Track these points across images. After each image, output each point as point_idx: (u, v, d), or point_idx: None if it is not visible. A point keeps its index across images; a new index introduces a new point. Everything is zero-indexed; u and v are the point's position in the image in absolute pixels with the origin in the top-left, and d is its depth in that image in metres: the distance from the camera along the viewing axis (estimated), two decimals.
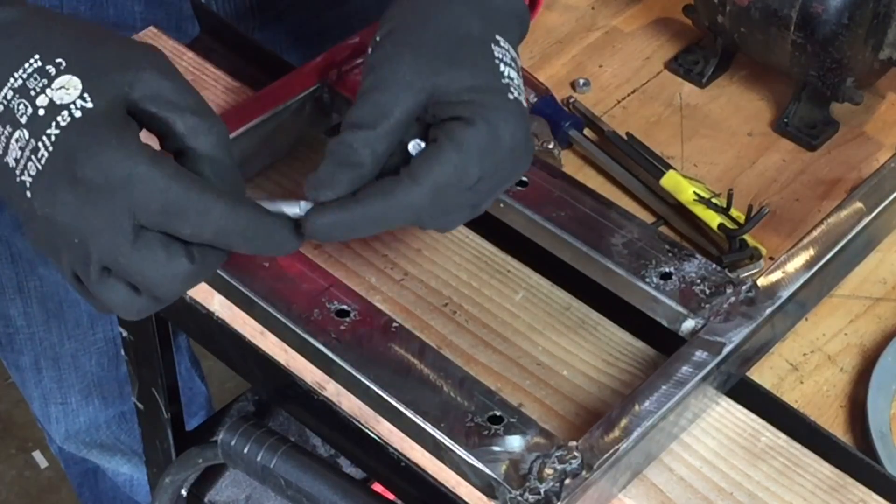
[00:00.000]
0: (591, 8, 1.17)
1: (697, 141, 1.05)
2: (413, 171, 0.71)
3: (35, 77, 0.69)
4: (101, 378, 1.33)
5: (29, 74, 0.69)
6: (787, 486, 0.73)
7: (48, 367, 1.31)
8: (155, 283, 0.69)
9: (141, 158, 0.67)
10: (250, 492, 1.12)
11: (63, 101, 0.68)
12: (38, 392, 1.34)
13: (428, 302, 0.82)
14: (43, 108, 0.68)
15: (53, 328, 1.27)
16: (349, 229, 0.72)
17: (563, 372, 0.78)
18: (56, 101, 0.68)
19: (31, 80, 0.69)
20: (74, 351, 1.30)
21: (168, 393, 1.01)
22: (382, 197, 0.70)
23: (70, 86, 0.68)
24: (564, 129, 1.04)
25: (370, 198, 0.71)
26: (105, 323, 1.28)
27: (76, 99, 0.68)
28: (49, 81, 0.68)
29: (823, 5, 0.97)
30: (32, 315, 1.26)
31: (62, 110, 0.68)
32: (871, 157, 1.03)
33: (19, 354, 1.30)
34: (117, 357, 1.32)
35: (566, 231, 0.82)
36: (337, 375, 0.76)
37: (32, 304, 1.25)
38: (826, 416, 0.85)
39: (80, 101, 0.68)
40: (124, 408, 1.38)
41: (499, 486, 0.69)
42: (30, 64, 0.69)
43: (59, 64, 0.69)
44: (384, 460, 0.78)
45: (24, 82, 0.69)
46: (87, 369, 1.32)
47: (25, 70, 0.69)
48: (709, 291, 0.79)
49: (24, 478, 2.07)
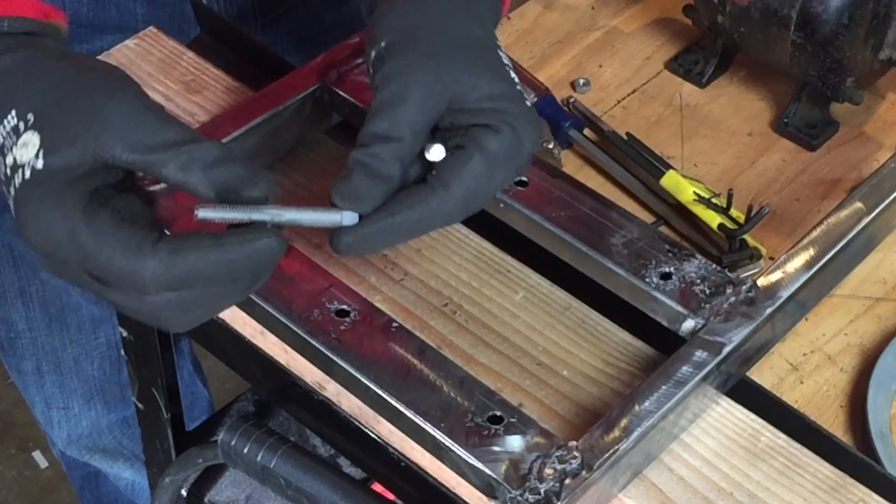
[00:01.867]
0: (591, 8, 1.17)
1: (697, 141, 1.05)
2: (445, 180, 0.72)
3: (10, 135, 0.69)
4: (103, 383, 1.33)
5: (7, 133, 0.70)
6: (787, 486, 0.73)
7: (50, 371, 1.31)
8: (152, 315, 0.70)
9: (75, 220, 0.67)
10: (250, 492, 1.12)
11: (21, 160, 0.68)
12: (41, 397, 1.34)
13: (428, 302, 0.82)
14: (9, 168, 0.69)
15: (55, 333, 1.27)
16: (384, 241, 0.73)
17: (563, 372, 0.78)
18: (17, 160, 0.69)
19: (7, 138, 0.70)
20: (77, 355, 1.30)
21: (168, 393, 1.01)
22: (418, 207, 0.71)
23: (30, 143, 0.69)
24: (564, 129, 1.04)
25: (407, 209, 0.71)
26: (107, 327, 1.28)
27: (31, 158, 0.68)
28: (17, 138, 0.69)
29: (823, 5, 0.97)
30: (34, 320, 1.26)
31: (19, 169, 0.69)
32: (871, 157, 1.03)
33: (21, 359, 1.30)
34: (119, 361, 1.31)
35: (566, 231, 0.82)
36: (337, 375, 0.76)
37: (34, 308, 1.24)
38: (826, 416, 0.85)
39: (34, 159, 0.68)
40: (127, 412, 1.38)
41: (499, 486, 0.69)
42: (7, 122, 0.70)
43: (28, 120, 0.69)
44: (384, 460, 0.78)
45: (4, 140, 0.70)
46: (90, 374, 1.32)
47: (5, 127, 0.70)
48: (709, 291, 0.79)
49: (24, 478, 2.07)
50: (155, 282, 0.67)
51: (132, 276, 0.67)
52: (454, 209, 0.72)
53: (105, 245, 0.67)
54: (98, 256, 0.67)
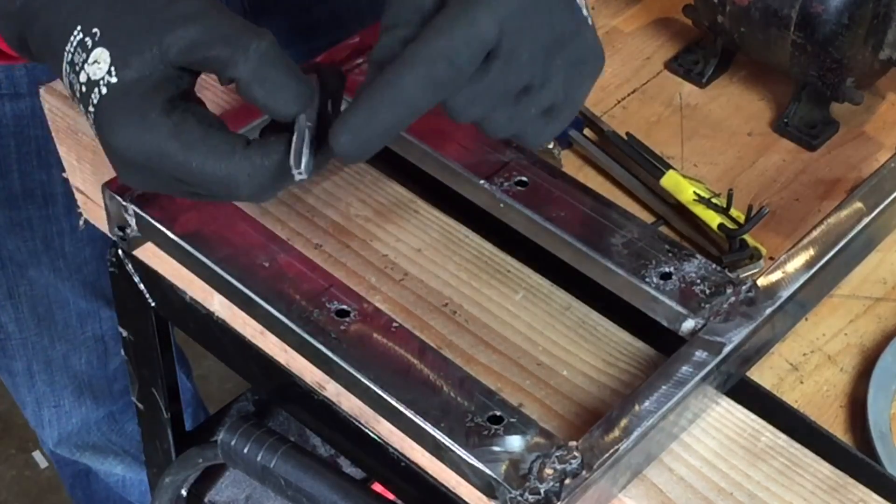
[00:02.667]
0: (591, 8, 1.17)
1: (697, 141, 1.05)
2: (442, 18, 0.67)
3: (78, 51, 0.69)
4: (91, 377, 1.33)
5: (74, 48, 0.69)
6: (787, 486, 0.73)
7: (41, 370, 1.31)
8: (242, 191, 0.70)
9: (161, 132, 0.67)
10: (250, 492, 1.12)
11: (95, 77, 0.68)
12: (32, 397, 1.34)
13: (428, 302, 0.82)
14: (84, 85, 0.69)
15: (44, 331, 1.27)
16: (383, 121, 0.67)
17: (563, 372, 0.78)
18: (91, 77, 0.68)
19: (76, 54, 0.69)
20: (65, 352, 1.30)
21: (168, 393, 1.02)
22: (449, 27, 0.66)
23: (101, 59, 0.68)
24: (564, 129, 1.04)
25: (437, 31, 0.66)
26: (93, 321, 1.28)
27: (104, 74, 0.68)
28: (87, 55, 0.69)
29: (823, 5, 0.97)
30: (24, 321, 1.25)
31: (94, 86, 0.68)
32: (871, 157, 1.03)
33: (11, 360, 1.30)
34: (106, 354, 1.32)
35: (566, 231, 0.82)
36: (337, 375, 0.76)
37: (23, 309, 1.24)
38: (826, 416, 0.85)
39: (108, 76, 0.68)
40: (114, 408, 1.38)
41: (499, 486, 0.69)
42: (74, 37, 0.69)
43: (94, 34, 0.69)
44: (384, 460, 0.78)
45: (72, 57, 0.69)
46: (78, 368, 1.32)
47: (71, 44, 0.69)
48: (709, 291, 0.79)
49: (24, 478, 2.07)
50: (249, 184, 0.68)
51: (227, 180, 0.68)
52: (474, 36, 0.66)
53: (196, 153, 0.68)
54: (190, 165, 0.68)
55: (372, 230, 0.86)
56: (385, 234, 0.85)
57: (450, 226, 0.87)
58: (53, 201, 1.15)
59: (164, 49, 0.68)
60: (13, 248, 1.18)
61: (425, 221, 0.87)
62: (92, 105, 0.69)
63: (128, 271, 0.91)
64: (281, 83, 0.69)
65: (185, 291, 0.86)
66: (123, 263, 0.91)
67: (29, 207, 1.15)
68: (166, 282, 0.87)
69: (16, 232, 1.17)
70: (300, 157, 0.68)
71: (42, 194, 1.14)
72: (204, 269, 0.81)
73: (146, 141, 0.68)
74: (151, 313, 0.94)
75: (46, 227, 1.17)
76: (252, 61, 0.68)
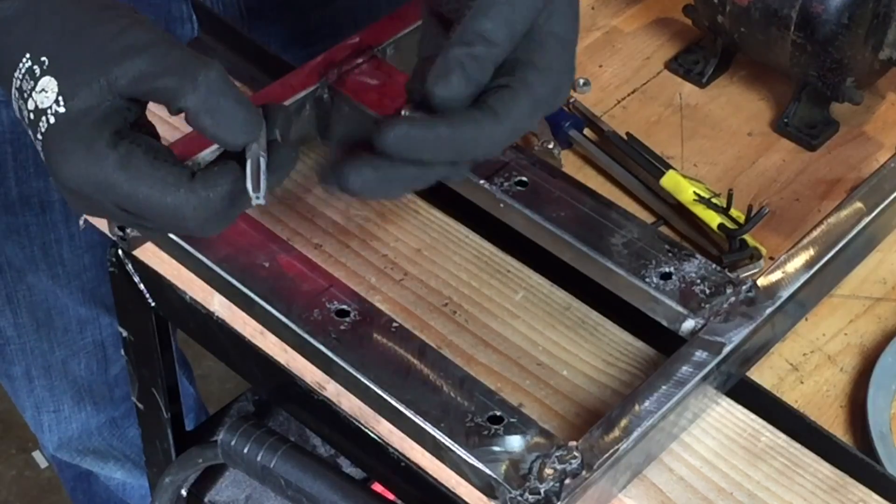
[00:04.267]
0: (591, 8, 1.17)
1: (697, 141, 1.05)
2: (496, 110, 0.70)
3: (27, 79, 0.69)
4: (91, 382, 1.33)
5: (23, 76, 0.69)
6: (787, 486, 0.73)
7: (40, 375, 1.30)
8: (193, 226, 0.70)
9: (108, 164, 0.68)
10: (250, 492, 1.12)
11: (42, 105, 0.68)
12: (31, 402, 1.34)
13: (428, 302, 0.82)
14: (32, 113, 0.69)
15: (44, 337, 1.27)
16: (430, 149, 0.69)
17: (563, 372, 0.78)
18: (39, 106, 0.68)
19: (24, 81, 0.69)
20: (65, 357, 1.29)
21: (168, 393, 1.01)
22: (472, 126, 0.69)
23: (49, 88, 0.68)
24: (564, 129, 1.04)
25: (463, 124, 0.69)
26: (93, 327, 1.27)
27: (52, 104, 0.68)
28: (35, 83, 0.69)
29: (823, 5, 0.97)
30: (23, 326, 1.25)
31: (42, 115, 0.68)
32: (871, 157, 1.03)
33: (10, 364, 1.30)
34: (106, 360, 1.31)
35: (566, 231, 0.82)
36: (337, 375, 0.76)
37: (22, 314, 1.24)
38: (826, 416, 0.85)
39: (55, 105, 0.68)
40: (115, 413, 1.37)
41: (499, 486, 0.69)
42: (23, 63, 0.69)
43: (42, 63, 0.69)
44: (384, 460, 0.78)
45: (21, 84, 0.69)
46: (78, 374, 1.31)
47: (20, 70, 0.69)
48: (709, 291, 0.79)
49: (24, 478, 2.07)
50: (195, 217, 0.68)
51: (174, 212, 0.68)
52: (500, 139, 0.70)
53: (142, 185, 0.68)
54: (136, 196, 0.68)
55: (372, 230, 0.86)
56: (385, 234, 0.85)
57: (450, 226, 0.87)
58: (51, 208, 1.15)
59: (111, 80, 0.68)
60: (11, 254, 1.18)
61: (425, 221, 0.87)
62: (40, 133, 0.69)
63: (128, 271, 0.91)
64: (230, 113, 0.69)
65: (185, 291, 0.86)
66: (123, 263, 0.91)
67: (26, 214, 1.15)
68: (166, 282, 0.87)
69: (13, 238, 1.16)
70: (258, 183, 0.69)
71: (39, 201, 1.14)
72: (204, 269, 0.81)
73: (92, 173, 0.68)
74: (151, 313, 0.94)
75: (44, 233, 1.17)
76: (201, 92, 0.68)
